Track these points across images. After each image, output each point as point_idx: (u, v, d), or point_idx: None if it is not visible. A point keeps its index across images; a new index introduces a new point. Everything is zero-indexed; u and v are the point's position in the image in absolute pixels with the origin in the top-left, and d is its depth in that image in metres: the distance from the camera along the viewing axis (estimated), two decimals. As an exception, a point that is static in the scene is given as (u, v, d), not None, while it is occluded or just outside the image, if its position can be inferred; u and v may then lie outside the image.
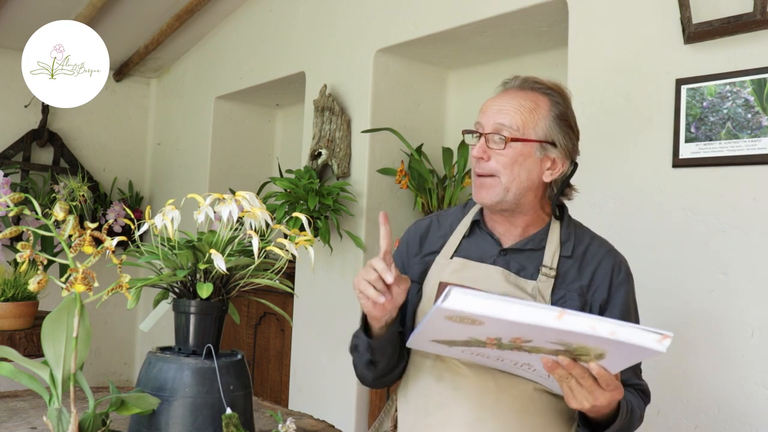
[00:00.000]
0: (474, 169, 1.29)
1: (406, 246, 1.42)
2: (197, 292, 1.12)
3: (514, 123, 1.26)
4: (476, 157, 1.26)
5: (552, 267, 1.28)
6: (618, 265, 1.32)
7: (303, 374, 3.29)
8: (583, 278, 1.29)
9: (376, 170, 3.03)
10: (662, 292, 1.93)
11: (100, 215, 4.29)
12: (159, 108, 4.76)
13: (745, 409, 1.76)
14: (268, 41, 3.70)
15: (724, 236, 1.84)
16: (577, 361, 1.00)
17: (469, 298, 0.91)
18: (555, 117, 1.28)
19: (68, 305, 0.98)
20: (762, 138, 1.76)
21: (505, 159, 1.25)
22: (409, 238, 1.43)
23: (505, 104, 1.27)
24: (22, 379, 1.04)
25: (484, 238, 1.35)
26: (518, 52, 2.93)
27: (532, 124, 1.26)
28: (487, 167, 1.26)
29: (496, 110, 1.27)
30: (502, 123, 1.25)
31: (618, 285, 1.31)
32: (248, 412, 1.17)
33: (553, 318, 0.89)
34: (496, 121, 1.26)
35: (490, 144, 1.26)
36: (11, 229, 1.02)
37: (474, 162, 1.28)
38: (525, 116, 1.26)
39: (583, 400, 1.04)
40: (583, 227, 1.39)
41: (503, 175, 1.26)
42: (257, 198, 1.20)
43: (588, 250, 1.32)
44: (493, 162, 1.26)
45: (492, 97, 1.32)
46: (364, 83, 3.06)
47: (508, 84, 1.33)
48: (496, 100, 1.29)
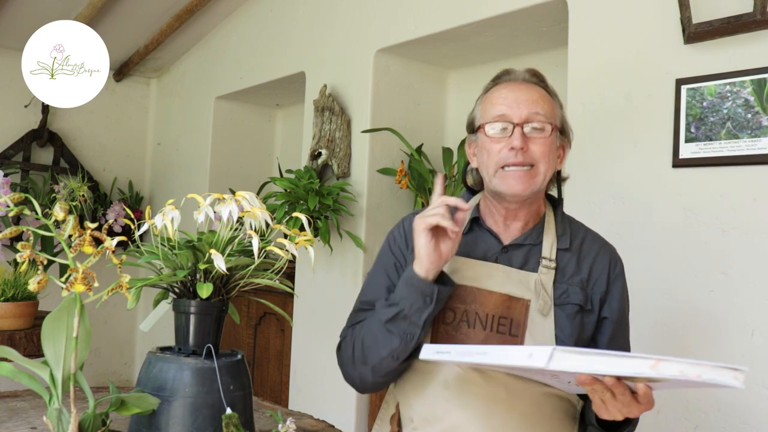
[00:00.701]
0: (508, 160, 1.25)
1: (404, 240, 1.39)
2: (197, 292, 1.12)
3: (545, 111, 1.27)
4: (517, 147, 1.24)
5: (552, 259, 1.30)
6: (614, 259, 1.36)
7: (303, 374, 3.29)
8: (582, 272, 1.31)
9: (376, 170, 3.03)
10: (662, 292, 1.93)
11: (100, 215, 4.29)
12: (159, 108, 4.76)
13: (745, 409, 1.76)
14: (268, 41, 3.70)
15: (724, 236, 1.84)
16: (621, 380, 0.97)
17: (573, 357, 0.89)
18: (559, 106, 1.33)
19: (68, 305, 0.98)
20: (762, 138, 1.76)
21: (544, 148, 1.26)
22: (405, 231, 1.40)
23: (529, 94, 1.27)
24: (22, 379, 1.04)
25: (485, 235, 1.34)
26: (518, 52, 2.93)
27: (553, 112, 1.29)
28: (529, 157, 1.25)
29: (525, 100, 1.26)
30: (537, 112, 1.26)
31: (615, 278, 1.34)
32: (248, 412, 1.17)
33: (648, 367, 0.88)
34: (530, 110, 1.25)
35: (529, 133, 1.25)
36: (11, 229, 1.02)
37: (510, 153, 1.25)
38: (550, 105, 1.29)
39: (617, 412, 1.03)
40: (576, 221, 1.40)
41: (542, 164, 1.26)
42: (257, 198, 1.20)
43: (584, 244, 1.34)
44: (533, 151, 1.25)
45: (501, 88, 1.31)
46: (364, 83, 3.06)
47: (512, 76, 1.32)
48: (515, 91, 1.28)
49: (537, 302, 1.26)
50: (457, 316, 1.28)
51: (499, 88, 1.31)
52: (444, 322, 1.29)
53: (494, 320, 1.26)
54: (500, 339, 1.26)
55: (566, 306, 1.28)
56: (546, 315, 1.26)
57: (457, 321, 1.28)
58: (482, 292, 1.28)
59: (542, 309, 1.26)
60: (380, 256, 1.43)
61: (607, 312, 1.32)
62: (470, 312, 1.28)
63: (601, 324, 1.32)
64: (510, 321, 1.26)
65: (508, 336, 1.26)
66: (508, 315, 1.26)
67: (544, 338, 1.26)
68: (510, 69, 1.34)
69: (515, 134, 1.25)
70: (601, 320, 1.32)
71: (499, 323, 1.26)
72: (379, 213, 3.07)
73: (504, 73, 1.34)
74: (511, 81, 1.31)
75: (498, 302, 1.27)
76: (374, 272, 1.42)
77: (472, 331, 1.27)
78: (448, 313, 1.29)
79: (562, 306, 1.28)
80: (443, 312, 1.29)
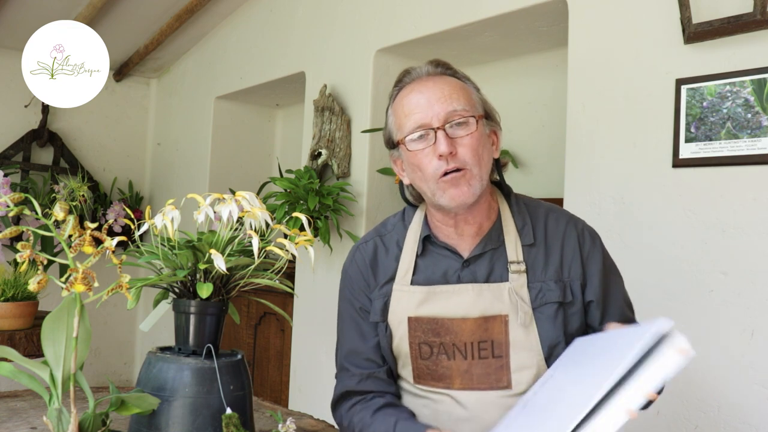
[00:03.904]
0: (441, 169, 1.15)
1: (362, 278, 1.30)
2: (197, 292, 1.12)
3: (464, 105, 1.16)
4: (445, 153, 1.13)
5: (519, 261, 1.21)
6: (582, 234, 1.26)
7: (303, 374, 3.29)
8: (553, 262, 1.23)
9: (376, 170, 3.03)
10: (662, 292, 1.93)
11: (100, 215, 4.29)
12: (159, 108, 4.76)
13: (745, 409, 1.76)
14: (268, 41, 3.70)
15: (724, 236, 1.84)
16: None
17: None
18: (475, 89, 1.23)
19: (68, 305, 0.98)
20: (762, 138, 1.76)
21: (474, 144, 1.15)
22: (359, 268, 1.30)
23: (440, 90, 1.17)
24: (22, 379, 1.04)
25: (441, 253, 1.26)
26: (518, 52, 2.93)
27: (472, 101, 1.19)
28: (458, 160, 1.15)
29: (437, 98, 1.16)
30: (455, 108, 1.15)
31: (589, 255, 1.25)
32: (248, 412, 1.17)
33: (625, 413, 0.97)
34: (447, 108, 1.15)
35: (453, 134, 1.15)
36: (11, 229, 1.02)
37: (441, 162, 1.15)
38: (465, 94, 1.19)
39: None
40: (533, 201, 1.30)
41: (474, 165, 1.15)
42: (257, 198, 1.20)
43: (548, 229, 1.25)
44: (461, 153, 1.15)
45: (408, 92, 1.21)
46: (364, 83, 3.06)
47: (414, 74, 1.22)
48: (424, 92, 1.17)
49: (516, 316, 1.19)
50: (434, 350, 1.22)
51: (407, 93, 1.21)
52: (422, 358, 1.23)
53: (473, 347, 1.19)
54: (484, 364, 1.20)
55: (544, 307, 1.20)
56: (528, 326, 1.19)
57: (435, 355, 1.22)
58: (454, 321, 1.20)
59: (523, 321, 1.18)
60: (342, 305, 1.34)
61: (591, 295, 1.23)
62: (447, 344, 1.21)
63: (588, 308, 1.24)
64: (491, 343, 1.19)
65: (492, 358, 1.19)
66: (488, 337, 1.19)
67: (531, 353, 1.19)
68: (410, 68, 1.24)
69: (439, 139, 1.14)
70: (587, 305, 1.24)
71: (480, 348, 1.19)
72: (379, 213, 3.07)
73: (405, 74, 1.24)
74: (415, 80, 1.21)
75: (473, 328, 1.20)
76: (342, 324, 1.35)
77: (453, 362, 1.21)
78: (424, 348, 1.22)
79: (540, 308, 1.20)
80: (419, 348, 1.22)
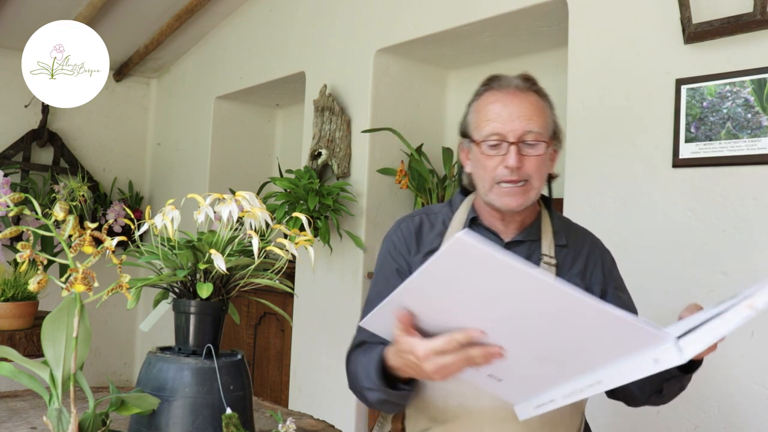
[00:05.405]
0: (504, 177, 1.26)
1: (404, 244, 1.37)
2: (197, 292, 1.12)
3: (540, 128, 1.25)
4: (513, 167, 1.23)
5: (551, 256, 1.32)
6: (604, 251, 1.41)
7: (303, 374, 3.29)
8: (579, 264, 1.35)
9: (376, 170, 3.03)
10: (662, 292, 1.93)
11: (100, 215, 4.29)
12: (159, 108, 4.76)
13: (745, 409, 1.76)
14: (268, 41, 3.70)
15: (724, 236, 1.84)
16: None
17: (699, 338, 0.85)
18: (551, 109, 1.32)
19: (68, 305, 0.98)
20: (762, 138, 1.76)
21: (537, 164, 1.26)
22: (404, 235, 1.38)
23: (523, 108, 1.26)
24: (22, 379, 1.04)
25: (484, 234, 1.34)
26: (518, 52, 2.93)
27: (546, 124, 1.28)
28: (522, 174, 1.25)
29: (518, 116, 1.25)
30: (531, 130, 1.24)
31: (610, 269, 1.39)
32: (248, 412, 1.17)
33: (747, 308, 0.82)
34: (524, 128, 1.24)
35: (522, 151, 1.25)
36: (11, 229, 1.02)
37: (506, 171, 1.25)
38: (543, 117, 1.28)
39: None
40: (564, 217, 1.44)
41: (535, 180, 1.27)
42: (257, 198, 1.20)
43: (577, 239, 1.39)
44: (526, 168, 1.25)
45: (494, 99, 1.29)
46: (364, 83, 3.06)
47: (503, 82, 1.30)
48: (509, 106, 1.27)
49: None
50: None
51: (492, 99, 1.29)
52: None
53: None
54: None
55: None
56: None
57: None
58: None
59: None
60: (381, 263, 1.40)
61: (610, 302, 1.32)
62: None
63: None
64: None
65: None
66: None
67: None
68: (501, 75, 1.32)
69: (510, 153, 1.24)
70: None
71: None
72: (379, 213, 3.07)
73: (494, 78, 1.32)
74: (503, 90, 1.29)
75: None
76: (376, 280, 1.39)
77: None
78: None
79: None
80: None
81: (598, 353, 0.92)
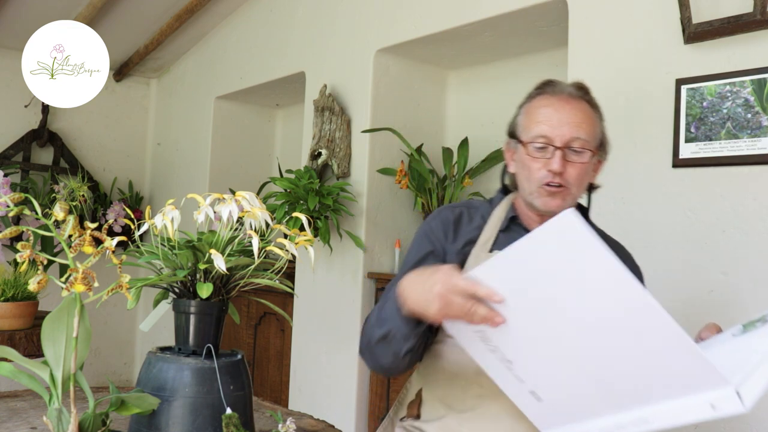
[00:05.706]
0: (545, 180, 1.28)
1: (442, 230, 1.37)
2: (197, 292, 1.12)
3: (587, 136, 1.27)
4: (556, 171, 1.25)
5: None
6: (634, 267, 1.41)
7: (303, 374, 3.29)
8: None
9: (376, 170, 3.03)
10: (662, 292, 1.93)
11: (100, 215, 4.29)
12: (159, 108, 4.76)
13: (745, 409, 1.76)
14: (268, 41, 3.70)
15: (724, 236, 1.84)
16: None
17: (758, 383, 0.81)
18: (600, 119, 1.33)
19: (68, 305, 0.98)
20: (762, 138, 1.76)
21: (579, 172, 1.27)
22: (443, 222, 1.38)
23: (573, 115, 1.28)
24: (22, 379, 1.04)
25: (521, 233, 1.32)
26: (518, 52, 2.94)
27: (594, 134, 1.30)
28: (564, 179, 1.27)
29: (568, 122, 1.27)
30: (578, 137, 1.26)
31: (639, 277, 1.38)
32: (248, 412, 1.17)
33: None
34: (572, 135, 1.26)
35: (567, 157, 1.26)
36: (11, 229, 1.02)
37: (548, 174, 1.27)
38: (592, 125, 1.29)
39: None
40: (599, 228, 1.44)
41: (574, 186, 1.29)
42: (257, 198, 1.20)
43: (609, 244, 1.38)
44: (568, 174, 1.27)
45: (546, 103, 1.30)
46: (364, 83, 3.06)
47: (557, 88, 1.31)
48: (559, 111, 1.28)
49: None
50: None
51: (544, 102, 1.30)
52: None
53: None
54: None
55: None
56: None
57: None
58: None
59: None
60: (416, 245, 1.39)
61: None
62: None
63: None
64: None
65: None
66: None
67: None
68: (555, 80, 1.34)
69: (555, 157, 1.25)
70: None
71: None
72: (379, 213, 3.07)
73: (549, 83, 1.33)
74: (556, 96, 1.30)
75: None
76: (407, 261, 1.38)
77: None
78: None
79: None
80: None
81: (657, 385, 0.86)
